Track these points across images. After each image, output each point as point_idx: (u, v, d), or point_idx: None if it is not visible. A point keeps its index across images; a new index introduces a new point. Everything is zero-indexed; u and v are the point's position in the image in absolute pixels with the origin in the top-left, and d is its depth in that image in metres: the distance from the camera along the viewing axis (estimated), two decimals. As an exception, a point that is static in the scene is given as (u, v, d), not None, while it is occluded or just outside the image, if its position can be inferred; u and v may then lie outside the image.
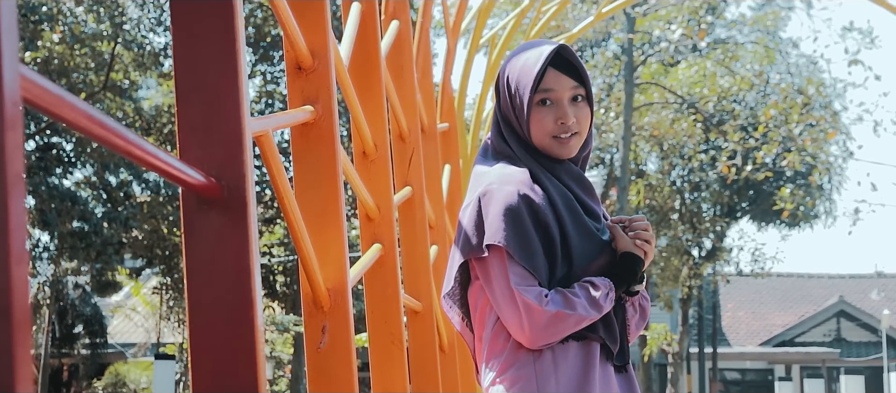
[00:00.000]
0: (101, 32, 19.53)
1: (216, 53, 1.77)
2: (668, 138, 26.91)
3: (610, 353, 2.46)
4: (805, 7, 27.19)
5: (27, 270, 0.94)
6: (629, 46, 24.63)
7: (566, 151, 2.50)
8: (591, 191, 2.55)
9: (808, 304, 39.29)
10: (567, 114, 2.47)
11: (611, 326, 2.46)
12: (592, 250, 2.46)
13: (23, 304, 0.95)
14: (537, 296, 2.37)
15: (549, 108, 2.48)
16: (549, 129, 2.48)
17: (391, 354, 3.43)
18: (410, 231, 4.22)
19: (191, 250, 1.72)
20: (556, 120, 2.48)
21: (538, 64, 2.46)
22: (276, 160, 2.15)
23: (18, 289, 0.94)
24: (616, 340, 2.47)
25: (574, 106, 2.49)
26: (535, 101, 2.48)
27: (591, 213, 2.52)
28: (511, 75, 2.52)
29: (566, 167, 2.52)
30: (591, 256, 2.46)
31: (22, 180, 0.95)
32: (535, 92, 2.47)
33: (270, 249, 23.17)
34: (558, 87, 2.48)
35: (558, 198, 2.46)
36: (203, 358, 1.68)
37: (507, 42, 9.01)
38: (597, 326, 2.43)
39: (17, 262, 0.91)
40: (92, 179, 21.07)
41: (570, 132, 2.49)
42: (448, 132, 5.92)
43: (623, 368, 2.51)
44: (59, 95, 1.14)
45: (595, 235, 2.48)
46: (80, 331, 29.49)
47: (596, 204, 2.55)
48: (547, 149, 2.50)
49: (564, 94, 2.48)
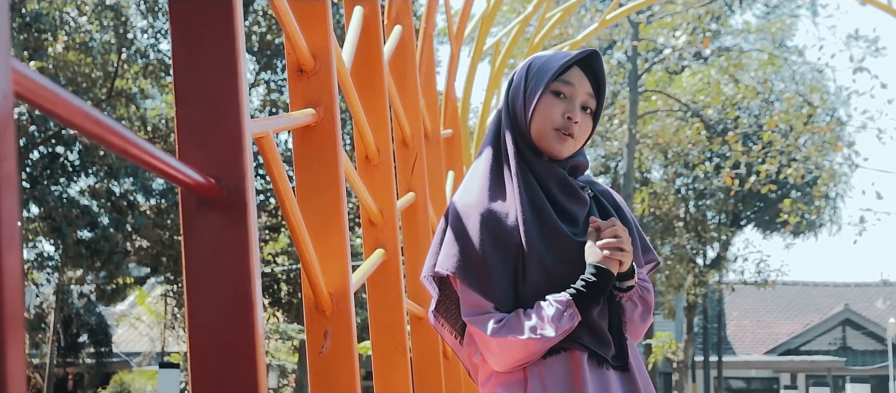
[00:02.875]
0: (106, 42, 19.55)
1: (216, 54, 1.75)
2: (673, 146, 26.88)
3: (601, 357, 2.43)
4: (810, 15, 27.20)
5: (19, 257, 0.92)
6: (634, 54, 24.62)
7: (560, 148, 2.48)
8: (573, 193, 2.52)
9: (813, 312, 39.20)
10: (576, 112, 2.47)
11: (596, 332, 2.42)
12: (561, 254, 2.43)
13: (15, 295, 0.93)
14: (485, 324, 2.39)
15: (561, 101, 2.49)
16: (553, 120, 2.47)
17: (394, 360, 3.41)
18: (414, 237, 4.20)
19: (190, 251, 1.70)
20: (563, 113, 2.47)
21: (568, 56, 2.48)
22: (277, 162, 2.13)
23: (10, 280, 0.92)
24: (606, 343, 2.43)
25: (582, 113, 2.50)
26: (550, 89, 2.48)
27: (566, 215, 2.49)
28: (535, 62, 2.53)
29: (550, 167, 2.50)
30: (560, 260, 2.42)
31: (14, 176, 0.93)
32: (555, 80, 2.47)
33: (274, 258, 23.14)
34: (577, 86, 2.49)
35: (525, 201, 2.45)
36: (203, 359, 1.66)
37: (510, 49, 9.00)
38: (579, 334, 2.39)
39: (9, 247, 0.89)
40: (96, 188, 21.07)
41: (570, 132, 2.48)
42: (452, 139, 5.90)
43: (624, 368, 2.47)
44: (52, 91, 1.12)
45: (565, 238, 2.44)
46: (85, 340, 29.48)
47: (577, 206, 2.51)
48: (543, 140, 2.48)
49: (580, 95, 2.49)
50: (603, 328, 2.44)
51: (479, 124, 8.55)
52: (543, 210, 2.45)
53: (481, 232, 2.42)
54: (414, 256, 4.19)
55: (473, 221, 2.44)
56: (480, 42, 8.24)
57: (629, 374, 2.47)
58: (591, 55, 2.50)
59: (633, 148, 24.32)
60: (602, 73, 2.52)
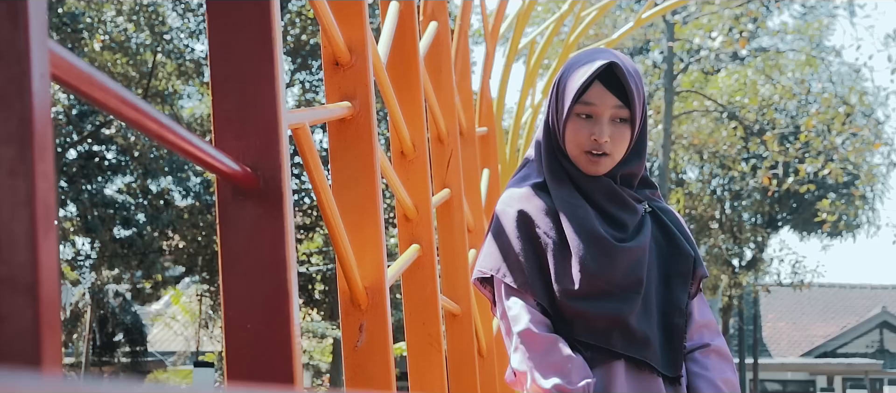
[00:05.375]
0: (142, 42, 19.69)
1: (252, 43, 1.74)
2: (709, 147, 26.74)
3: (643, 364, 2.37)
4: (848, 15, 26.98)
5: (56, 244, 0.91)
6: (669, 54, 24.51)
7: (595, 169, 2.44)
8: (623, 202, 2.47)
9: (850, 315, 38.87)
10: (602, 132, 2.41)
11: (633, 336, 2.37)
12: (603, 260, 2.38)
13: (52, 280, 0.92)
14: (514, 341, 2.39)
15: (586, 122, 2.42)
16: (581, 144, 2.43)
17: (429, 355, 3.39)
18: (449, 233, 4.18)
19: (226, 241, 1.69)
20: (589, 135, 2.42)
21: (585, 76, 2.40)
22: (313, 153, 2.12)
23: (46, 264, 0.91)
24: (645, 347, 2.38)
25: (613, 125, 2.43)
26: (574, 113, 2.43)
27: (612, 220, 2.44)
28: (563, 79, 2.48)
29: (595, 180, 2.46)
30: (603, 266, 2.38)
31: (50, 153, 0.92)
32: (576, 103, 2.42)
33: (309, 257, 23.21)
34: (600, 104, 2.42)
35: (566, 209, 2.42)
36: (238, 349, 1.65)
37: (544, 49, 8.97)
38: (612, 339, 2.36)
39: (45, 234, 0.88)
40: (132, 186, 21.22)
41: (602, 151, 2.42)
42: (487, 137, 5.89)
43: (675, 381, 2.41)
44: (89, 74, 1.12)
45: (603, 241, 2.39)
46: (121, 339, 29.67)
47: (627, 214, 2.46)
48: (579, 162, 2.46)
49: (605, 112, 2.42)
50: (642, 333, 2.38)
51: (514, 124, 8.53)
52: (585, 218, 2.42)
53: (521, 237, 2.41)
54: (449, 252, 4.17)
55: (514, 228, 2.43)
56: (515, 41, 8.22)
57: (678, 388, 2.41)
58: (610, 67, 2.41)
59: (669, 148, 24.20)
60: (626, 79, 2.42)
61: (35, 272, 0.90)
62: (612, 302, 2.37)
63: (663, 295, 2.46)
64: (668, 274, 2.48)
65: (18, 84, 0.93)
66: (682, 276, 2.48)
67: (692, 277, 2.50)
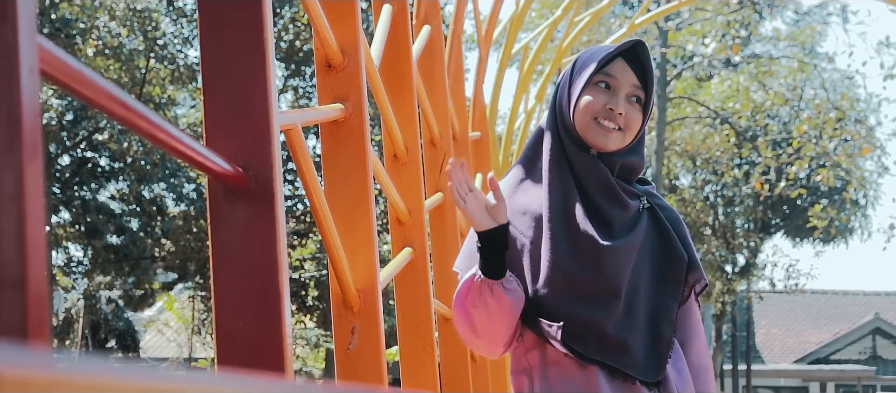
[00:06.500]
0: (135, 47, 19.66)
1: (244, 43, 1.74)
2: (701, 153, 26.78)
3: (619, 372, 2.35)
4: (841, 22, 27.04)
5: (44, 239, 0.91)
6: (662, 60, 24.53)
7: (603, 141, 2.41)
8: (614, 195, 2.43)
9: (842, 321, 38.90)
10: (619, 104, 2.41)
11: (608, 343, 2.34)
12: (583, 257, 2.36)
13: (40, 276, 0.92)
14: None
15: (604, 91, 2.42)
16: (595, 109, 2.41)
17: (422, 359, 3.39)
18: (442, 237, 4.18)
19: (217, 241, 1.69)
20: (605, 104, 2.41)
21: (611, 48, 2.43)
22: (305, 155, 2.12)
23: (35, 259, 0.90)
24: (624, 354, 2.35)
25: (628, 103, 2.43)
26: (593, 82, 2.42)
27: (599, 217, 2.41)
28: (582, 55, 2.49)
29: (594, 164, 2.43)
30: (581, 264, 2.36)
31: (39, 147, 0.92)
32: (598, 72, 2.42)
33: (302, 264, 23.18)
34: (620, 78, 2.43)
35: (554, 199, 2.40)
36: (229, 348, 1.65)
37: (538, 54, 8.98)
38: (588, 345, 2.33)
39: (34, 229, 0.88)
40: (125, 192, 21.18)
41: (615, 124, 2.41)
42: (480, 141, 5.89)
43: (656, 385, 2.37)
44: (78, 70, 1.11)
45: (589, 241, 2.37)
46: (113, 345, 29.61)
47: (617, 209, 2.43)
48: (588, 133, 2.41)
49: (624, 87, 2.43)
50: (620, 340, 2.34)
51: (507, 129, 8.53)
52: (570, 211, 2.39)
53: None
54: (442, 256, 4.17)
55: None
56: (508, 46, 8.22)
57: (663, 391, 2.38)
58: (636, 45, 2.44)
59: (662, 155, 24.22)
60: (649, 63, 2.44)
61: (23, 268, 0.90)
62: (589, 307, 2.34)
63: (653, 300, 2.42)
64: (659, 277, 2.44)
65: (7, 79, 0.93)
66: (674, 281, 2.45)
67: (684, 282, 2.47)
